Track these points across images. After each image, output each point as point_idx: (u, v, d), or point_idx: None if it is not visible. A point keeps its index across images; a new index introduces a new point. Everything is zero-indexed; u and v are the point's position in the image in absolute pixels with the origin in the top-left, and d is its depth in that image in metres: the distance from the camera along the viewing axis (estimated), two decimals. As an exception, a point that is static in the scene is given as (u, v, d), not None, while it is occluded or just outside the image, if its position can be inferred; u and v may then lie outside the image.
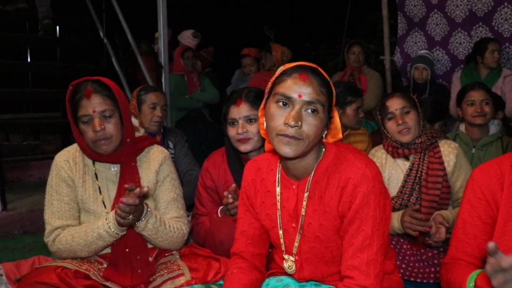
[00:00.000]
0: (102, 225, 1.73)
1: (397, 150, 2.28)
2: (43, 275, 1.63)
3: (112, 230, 1.72)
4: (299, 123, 1.29)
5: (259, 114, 1.46)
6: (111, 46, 4.82)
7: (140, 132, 2.79)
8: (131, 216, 1.66)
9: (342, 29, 5.97)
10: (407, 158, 2.30)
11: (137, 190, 1.61)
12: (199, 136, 4.25)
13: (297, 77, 1.32)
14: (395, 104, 2.27)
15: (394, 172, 2.31)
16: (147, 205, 1.75)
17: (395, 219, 2.15)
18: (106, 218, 1.73)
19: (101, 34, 4.83)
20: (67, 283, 1.62)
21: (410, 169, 2.25)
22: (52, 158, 1.96)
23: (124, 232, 1.75)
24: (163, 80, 4.31)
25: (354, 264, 1.34)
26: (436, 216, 2.08)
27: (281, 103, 1.33)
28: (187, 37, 5.47)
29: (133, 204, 1.62)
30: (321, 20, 8.13)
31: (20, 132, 5.37)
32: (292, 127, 1.29)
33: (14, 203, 3.57)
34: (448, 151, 2.24)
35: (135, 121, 2.83)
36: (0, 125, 3.46)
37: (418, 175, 2.23)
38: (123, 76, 4.63)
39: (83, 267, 1.73)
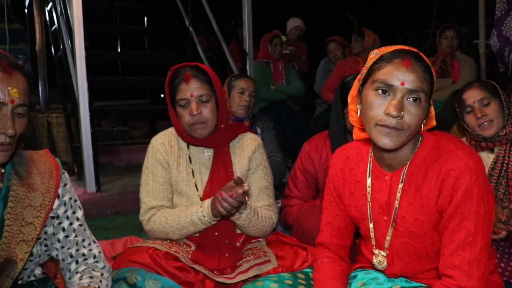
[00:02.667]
0: (196, 212, 1.76)
1: (480, 144, 2.11)
2: (137, 255, 1.69)
3: (206, 218, 1.74)
4: (401, 113, 1.21)
5: (349, 100, 1.40)
6: (196, 35, 4.93)
7: None
8: (234, 210, 1.69)
9: (431, 12, 5.65)
10: (491, 150, 2.11)
11: (241, 190, 1.61)
12: (283, 123, 4.25)
13: (399, 63, 1.23)
14: (472, 96, 2.10)
15: None
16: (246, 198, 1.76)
17: None
18: (201, 206, 1.76)
19: (187, 23, 4.94)
20: (158, 263, 1.68)
21: (495, 162, 2.07)
22: (139, 143, 2.04)
23: (216, 222, 1.77)
24: (247, 67, 4.33)
25: (455, 263, 1.25)
26: None
27: (380, 91, 1.24)
28: (297, 20, 5.48)
29: (240, 201, 1.65)
30: (408, 3, 7.75)
31: (111, 119, 5.68)
32: (393, 117, 1.21)
33: (106, 185, 3.78)
34: None
35: None
36: (94, 112, 3.65)
37: (504, 168, 2.04)
38: (208, 63, 4.72)
39: (173, 249, 1.78)
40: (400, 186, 1.35)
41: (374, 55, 1.31)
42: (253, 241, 1.93)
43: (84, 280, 1.36)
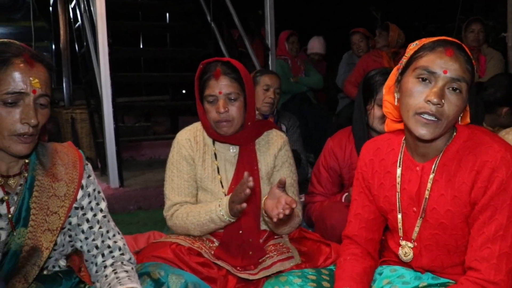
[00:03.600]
0: (215, 210, 1.75)
1: None
2: (160, 250, 1.70)
3: (225, 217, 1.73)
4: (442, 101, 1.20)
5: (384, 90, 1.38)
6: (218, 30, 4.92)
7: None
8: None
9: (455, 5, 5.53)
10: None
11: (249, 184, 1.58)
12: (305, 118, 4.23)
13: (442, 52, 1.22)
14: None
15: None
16: None
17: None
18: (219, 205, 1.75)
19: (209, 19, 4.94)
20: (181, 259, 1.68)
21: None
22: (162, 139, 2.04)
23: (235, 219, 1.76)
24: (270, 62, 4.32)
25: (483, 256, 1.22)
26: None
27: (421, 79, 1.23)
28: (317, 43, 5.44)
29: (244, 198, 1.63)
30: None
31: (133, 114, 5.73)
32: (434, 104, 1.20)
33: (129, 180, 3.81)
34: None
35: None
36: (117, 108, 3.69)
37: None
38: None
39: (196, 245, 1.78)
40: (431, 176, 1.33)
41: (414, 45, 1.30)
42: (276, 236, 1.92)
43: (120, 274, 1.37)
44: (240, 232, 1.81)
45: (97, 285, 1.41)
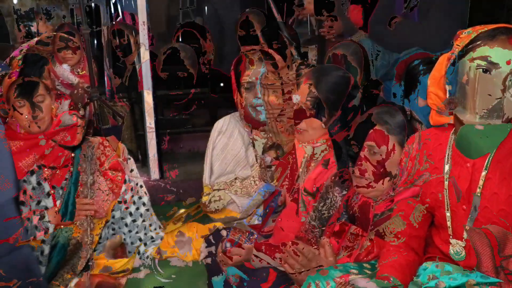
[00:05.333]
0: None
1: None
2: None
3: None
4: (504, 94, 1.13)
5: (429, 82, 1.32)
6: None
7: None
8: None
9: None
10: None
11: None
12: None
13: (505, 40, 1.15)
14: None
15: None
16: None
17: None
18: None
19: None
20: (223, 250, 1.69)
21: None
22: (201, 131, 2.06)
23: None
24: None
25: None
26: None
27: (481, 70, 1.16)
28: None
29: None
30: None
31: (173, 107, 5.78)
32: (497, 98, 1.14)
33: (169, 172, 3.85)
34: None
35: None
36: (158, 100, 3.74)
37: None
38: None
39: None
40: (483, 174, 1.27)
41: (466, 33, 1.23)
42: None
43: None
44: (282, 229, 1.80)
45: None
